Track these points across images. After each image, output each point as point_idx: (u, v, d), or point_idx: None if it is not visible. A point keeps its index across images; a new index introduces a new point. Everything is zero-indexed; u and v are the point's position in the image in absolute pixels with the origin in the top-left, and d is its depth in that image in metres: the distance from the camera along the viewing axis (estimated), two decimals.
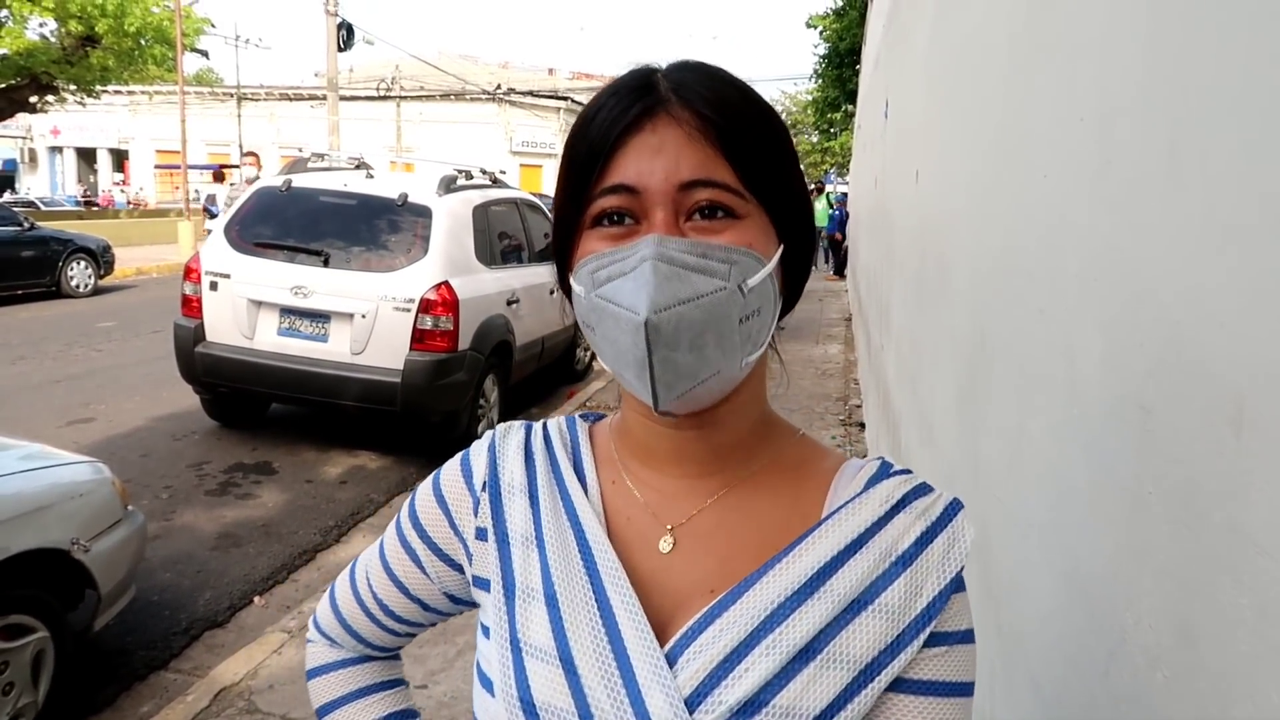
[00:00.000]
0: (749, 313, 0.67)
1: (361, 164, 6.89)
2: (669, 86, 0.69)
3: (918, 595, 0.68)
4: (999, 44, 1.67)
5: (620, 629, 0.70)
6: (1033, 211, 1.31)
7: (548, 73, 50.43)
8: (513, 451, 0.83)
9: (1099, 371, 0.97)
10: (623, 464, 0.80)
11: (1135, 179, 0.88)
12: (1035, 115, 1.35)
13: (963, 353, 1.96)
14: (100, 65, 19.87)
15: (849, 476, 0.75)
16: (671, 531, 0.75)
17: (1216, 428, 0.68)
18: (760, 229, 0.69)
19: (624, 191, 0.68)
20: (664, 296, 0.64)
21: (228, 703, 3.19)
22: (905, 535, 0.70)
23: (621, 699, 0.68)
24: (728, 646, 0.67)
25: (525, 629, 0.74)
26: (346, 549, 4.87)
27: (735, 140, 0.68)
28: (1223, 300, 0.68)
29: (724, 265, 0.66)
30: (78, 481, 3.21)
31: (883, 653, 0.67)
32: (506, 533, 0.79)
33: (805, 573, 0.69)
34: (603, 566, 0.73)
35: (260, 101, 40.65)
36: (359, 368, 5.75)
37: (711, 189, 0.67)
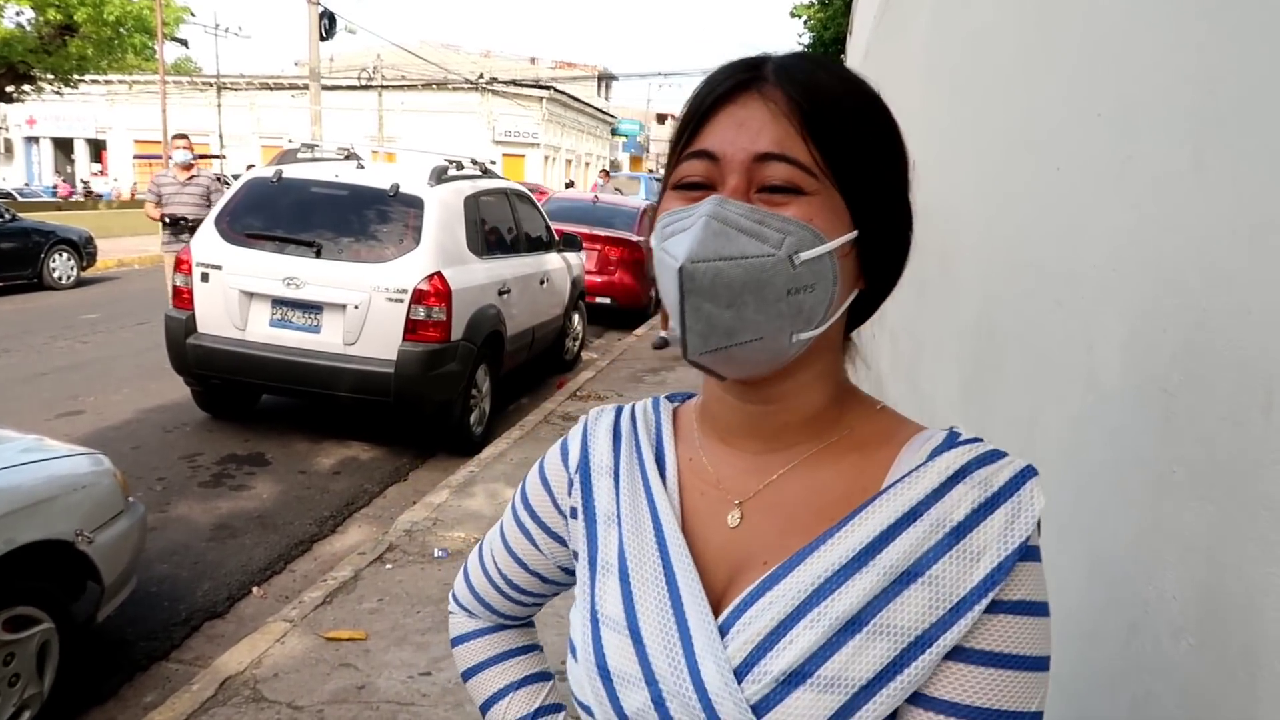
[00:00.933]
0: (799, 286, 0.68)
1: (352, 154, 6.88)
2: (772, 69, 0.72)
3: (974, 566, 0.67)
4: (1009, 36, 1.71)
5: (683, 602, 0.74)
6: (1046, 205, 1.35)
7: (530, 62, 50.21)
8: (603, 434, 0.88)
9: (1120, 359, 1.01)
10: (701, 441, 0.84)
11: (1160, 174, 0.92)
12: (1046, 110, 1.39)
13: (969, 345, 2.01)
14: (78, 54, 19.65)
15: (915, 447, 0.75)
16: (739, 506, 0.78)
17: (1246, 409, 0.72)
18: (829, 209, 0.70)
19: (705, 157, 0.72)
20: (704, 249, 0.66)
21: (233, 691, 3.21)
22: (960, 506, 0.69)
23: (680, 668, 0.72)
24: (775, 619, 0.70)
25: (602, 601, 0.80)
26: (342, 539, 4.89)
27: (819, 122, 0.70)
28: (1251, 289, 0.72)
29: (778, 234, 0.68)
30: (80, 473, 3.22)
31: (934, 625, 0.67)
32: (594, 511, 0.85)
33: (857, 545, 0.70)
34: (670, 543, 0.78)
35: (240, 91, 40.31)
36: (352, 358, 5.76)
37: (785, 164, 0.69)
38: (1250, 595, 0.72)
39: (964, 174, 2.19)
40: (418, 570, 4.27)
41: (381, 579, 4.17)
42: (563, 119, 44.13)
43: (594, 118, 50.03)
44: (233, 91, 40.17)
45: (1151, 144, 0.95)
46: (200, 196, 8.59)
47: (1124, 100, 1.04)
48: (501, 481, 5.53)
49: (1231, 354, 0.75)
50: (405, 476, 5.94)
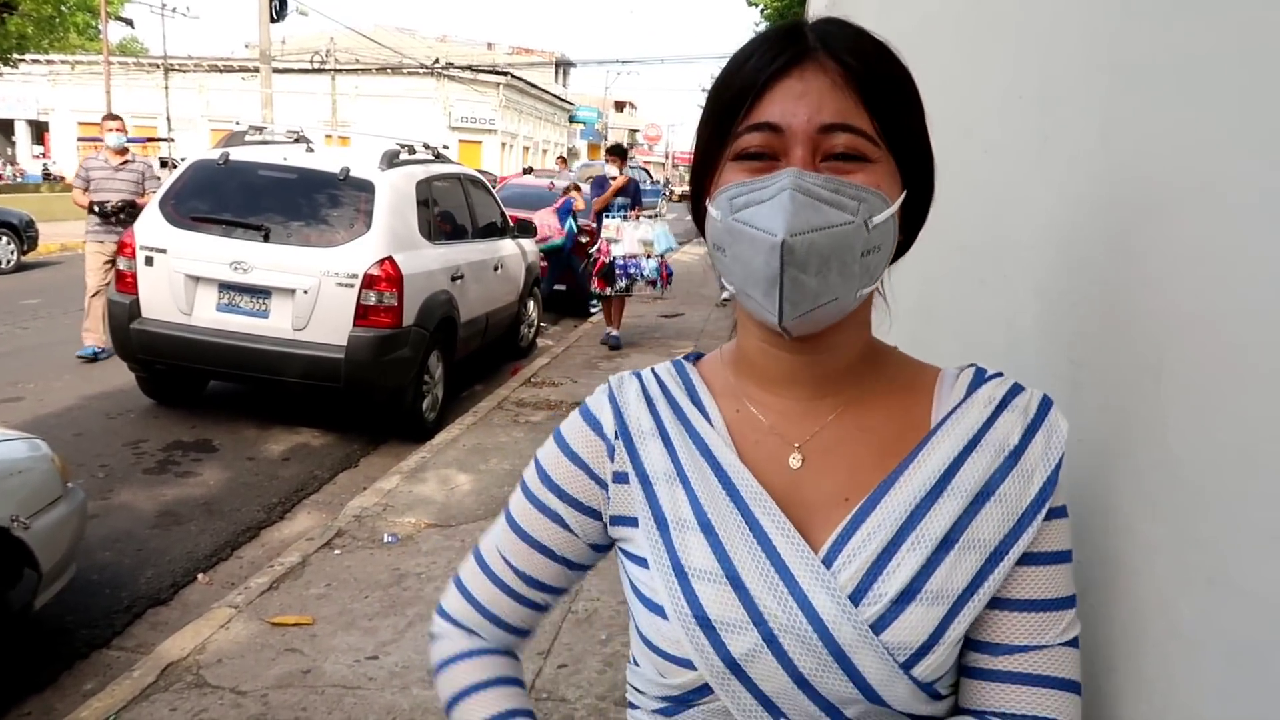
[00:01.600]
0: (871, 248, 0.74)
1: (301, 138, 6.78)
2: (816, 37, 0.76)
3: (1029, 483, 0.77)
4: (947, 22, 1.74)
5: (774, 544, 0.78)
6: (976, 187, 1.39)
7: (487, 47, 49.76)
8: (634, 399, 0.90)
9: (1034, 333, 1.04)
10: (744, 392, 0.87)
11: (1073, 154, 0.95)
12: (978, 93, 1.42)
13: (908, 326, 2.04)
14: (18, 33, 19.10)
15: (949, 385, 0.84)
16: (799, 449, 0.83)
17: (1140, 376, 0.76)
18: (889, 174, 0.76)
19: (768, 130, 0.75)
20: (799, 222, 0.71)
21: (175, 677, 3.17)
22: (1013, 432, 0.78)
23: (789, 604, 0.77)
24: (880, 545, 0.76)
25: (686, 556, 0.81)
26: (291, 525, 4.84)
27: (874, 91, 0.74)
28: (1149, 262, 0.76)
29: (854, 201, 0.73)
30: (15, 458, 3.15)
31: (1007, 535, 0.76)
32: (647, 473, 0.86)
33: (934, 474, 0.78)
34: (744, 491, 0.81)
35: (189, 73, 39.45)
36: (301, 344, 5.69)
37: (849, 134, 0.74)
38: (1140, 556, 0.75)
39: None
40: (366, 556, 4.25)
41: (330, 564, 4.14)
42: (520, 105, 43.85)
43: (552, 104, 49.79)
44: (181, 73, 39.28)
45: (1066, 124, 0.98)
46: (134, 183, 7.76)
47: (1044, 82, 1.07)
48: (454, 467, 5.51)
49: (1130, 324, 0.79)
50: (356, 463, 5.89)
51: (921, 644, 0.74)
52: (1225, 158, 0.65)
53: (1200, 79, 0.68)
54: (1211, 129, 0.67)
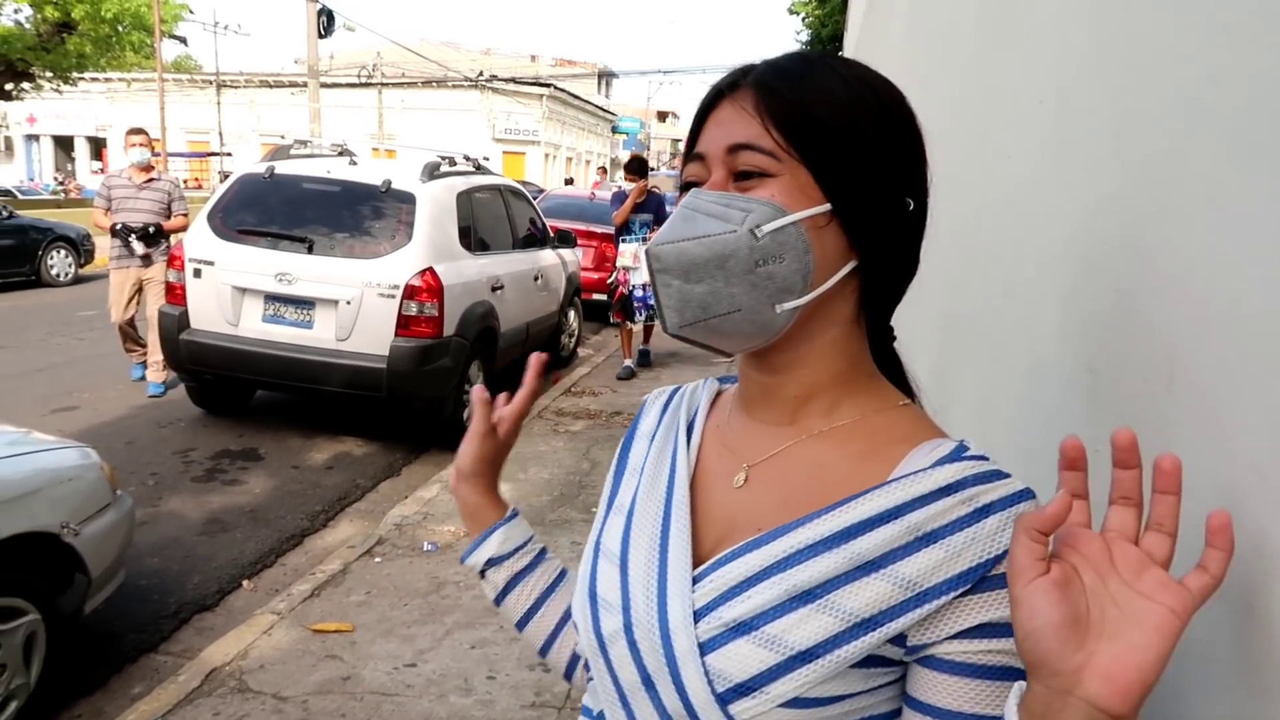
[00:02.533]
0: (767, 257, 0.74)
1: (345, 151, 6.89)
2: (756, 73, 0.79)
3: (938, 571, 0.69)
4: (967, 28, 1.73)
5: (669, 545, 0.82)
6: (998, 194, 1.37)
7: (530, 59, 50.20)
8: (656, 407, 0.98)
9: (1054, 341, 1.03)
10: (731, 411, 0.90)
11: (1089, 159, 0.93)
12: (1000, 99, 1.40)
13: (937, 337, 2.03)
14: (77, 52, 19.66)
15: (925, 451, 0.76)
16: (747, 469, 0.84)
17: (1152, 384, 0.74)
18: (793, 186, 0.76)
19: (698, 159, 0.81)
20: (670, 233, 0.75)
21: (219, 682, 3.23)
22: (940, 517, 0.70)
23: (651, 600, 0.80)
24: (743, 575, 0.76)
25: (607, 535, 0.89)
26: (333, 533, 4.91)
27: (780, 108, 0.76)
28: (1162, 267, 0.74)
29: (740, 213, 0.75)
30: (66, 466, 3.24)
31: (882, 613, 0.70)
32: (625, 466, 0.95)
33: (836, 528, 0.74)
34: (675, 493, 0.85)
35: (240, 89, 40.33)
36: (344, 354, 5.78)
37: (748, 151, 0.76)
38: None
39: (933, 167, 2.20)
40: (406, 564, 4.29)
41: (370, 572, 4.19)
42: (563, 116, 44.15)
43: (594, 115, 50.07)
44: (232, 89, 40.20)
45: (1081, 129, 0.96)
46: (159, 204, 7.04)
47: (1061, 85, 1.06)
48: None
49: (1144, 332, 0.77)
50: (398, 471, 5.96)
51: (741, 681, 0.72)
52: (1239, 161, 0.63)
53: (1213, 81, 0.67)
54: (1225, 132, 0.66)
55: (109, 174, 7.41)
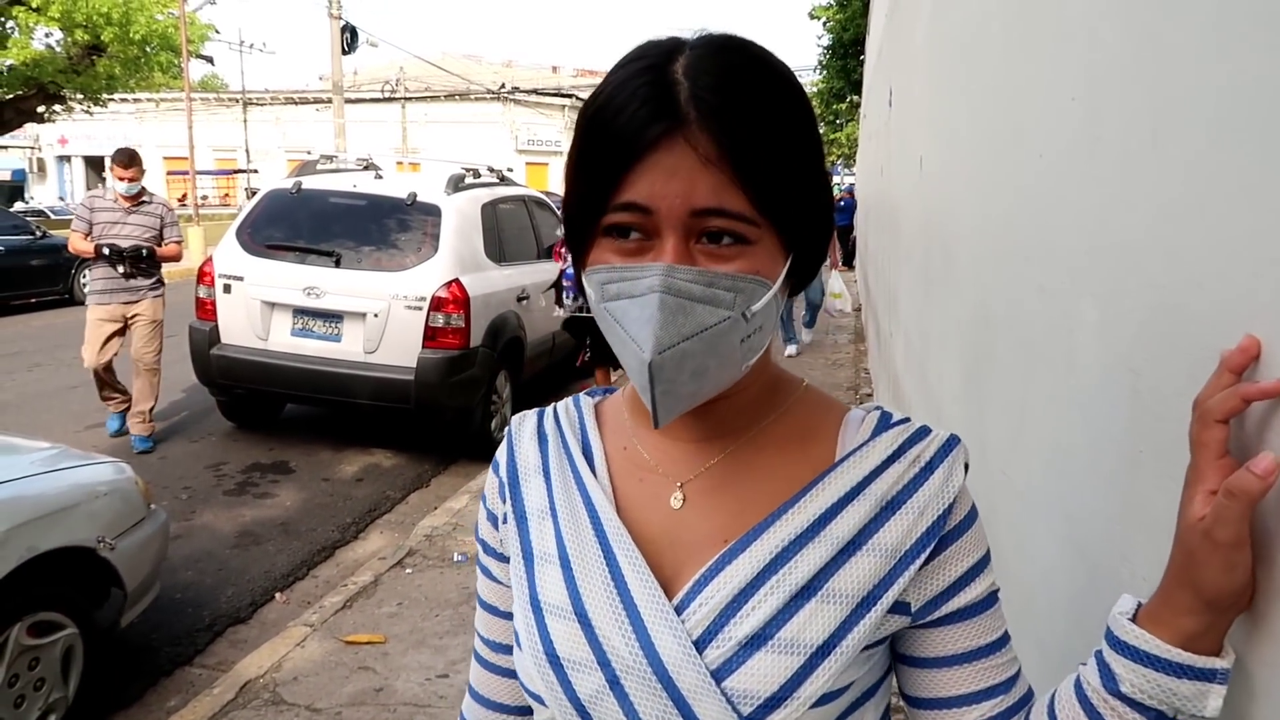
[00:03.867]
0: (750, 332, 0.71)
1: (370, 165, 6.95)
2: (688, 96, 0.67)
3: (911, 533, 0.74)
4: (995, 27, 1.71)
5: (628, 583, 0.76)
6: (1030, 192, 1.35)
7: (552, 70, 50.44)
8: (528, 437, 0.88)
9: (1093, 340, 1.01)
10: (633, 430, 0.85)
11: (1122, 154, 0.92)
12: (1031, 97, 1.39)
13: (968, 336, 2.00)
14: (106, 73, 19.96)
15: (854, 426, 0.80)
16: (681, 488, 0.80)
17: (1199, 384, 0.72)
18: (770, 252, 0.70)
19: (637, 210, 0.68)
20: (668, 334, 0.66)
21: (253, 695, 3.25)
22: (898, 483, 0.75)
23: (634, 645, 0.73)
24: (737, 587, 0.73)
25: (543, 590, 0.80)
26: (364, 545, 4.94)
27: (751, 164, 0.67)
28: (1202, 262, 0.72)
29: (729, 294, 0.68)
30: (102, 481, 3.27)
31: (876, 586, 0.73)
32: (524, 510, 0.85)
33: (810, 518, 0.74)
34: (609, 528, 0.79)
35: (266, 106, 40.82)
36: (372, 366, 5.81)
37: (723, 218, 0.67)
38: None
39: (961, 167, 2.18)
40: (437, 575, 4.30)
41: (401, 583, 4.21)
42: None
43: None
44: (258, 106, 40.69)
45: (1116, 125, 0.95)
46: (149, 229, 6.03)
47: (1093, 83, 1.04)
48: None
49: (1186, 329, 0.75)
50: (427, 483, 5.98)
51: (770, 695, 0.70)
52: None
53: (1255, 76, 0.66)
54: (1268, 126, 0.64)
55: (91, 193, 6.40)
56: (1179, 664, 0.63)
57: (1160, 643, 0.64)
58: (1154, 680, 0.64)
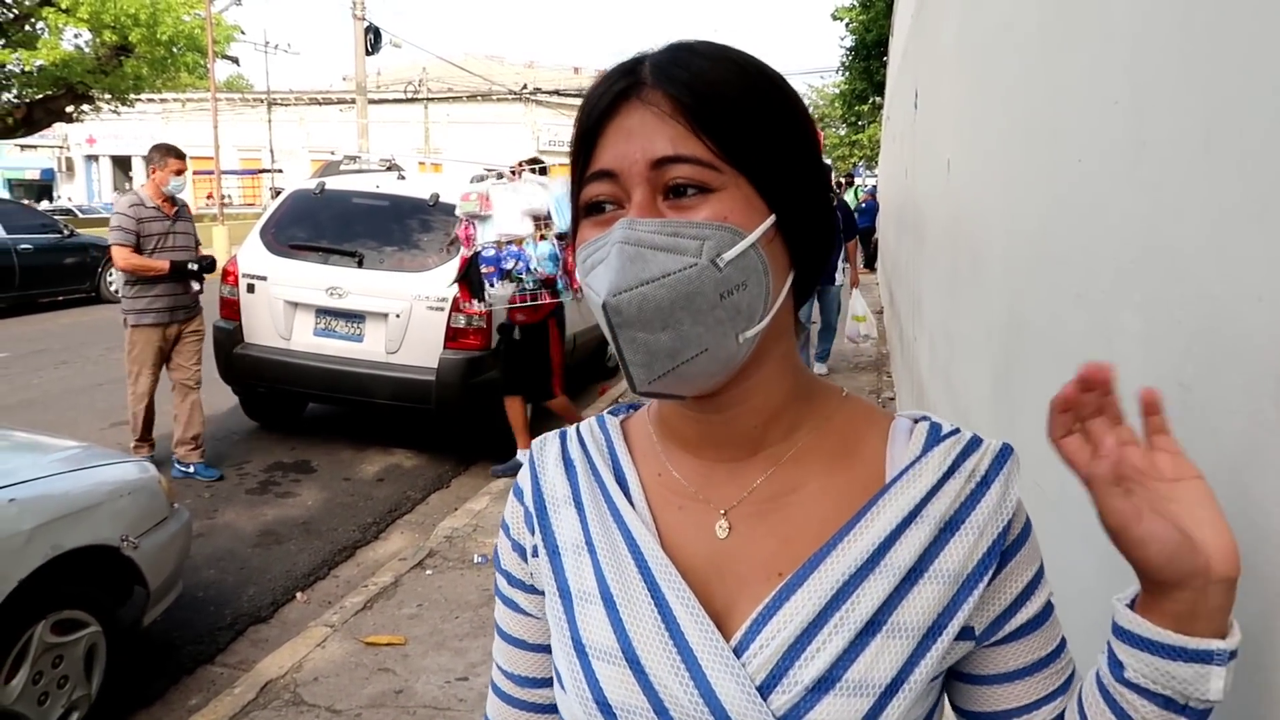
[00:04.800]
0: (730, 288, 0.66)
1: (393, 165, 6.97)
2: (650, 69, 0.69)
3: (973, 555, 0.70)
4: (1030, 29, 1.68)
5: (680, 624, 0.71)
6: (1067, 197, 1.32)
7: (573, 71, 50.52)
8: (552, 464, 0.83)
9: (1137, 352, 0.98)
10: (666, 454, 0.80)
11: (1171, 159, 0.89)
12: (1068, 100, 1.35)
13: (998, 342, 1.97)
14: (134, 74, 20.18)
15: (903, 440, 0.75)
16: (725, 515, 0.75)
17: (1256, 401, 0.69)
18: (740, 200, 0.67)
19: (605, 177, 0.69)
20: (624, 278, 0.64)
21: (274, 695, 3.25)
22: (955, 501, 0.71)
23: (693, 692, 0.69)
24: (799, 627, 0.69)
25: (586, 631, 0.75)
26: (385, 545, 4.94)
27: (709, 113, 0.67)
28: (1261, 274, 0.69)
29: (694, 242, 0.65)
30: (126, 480, 3.29)
31: (941, 614, 0.70)
32: (556, 544, 0.80)
33: (868, 548, 0.70)
34: (653, 564, 0.74)
35: (290, 106, 41.12)
36: (394, 366, 5.83)
37: (682, 164, 0.66)
38: (1263, 601, 0.69)
39: (992, 169, 2.14)
40: (457, 576, 4.30)
41: (421, 585, 4.21)
42: None
43: None
44: (283, 107, 40.99)
45: (1164, 129, 0.91)
46: (193, 235, 5.65)
47: (1138, 86, 1.01)
48: None
49: (1242, 343, 0.72)
50: (447, 483, 5.98)
51: None
52: None
53: None
54: None
55: (129, 200, 5.50)
56: (1171, 645, 0.63)
57: (1150, 625, 0.64)
58: (1153, 665, 0.64)
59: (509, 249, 5.22)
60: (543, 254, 5.25)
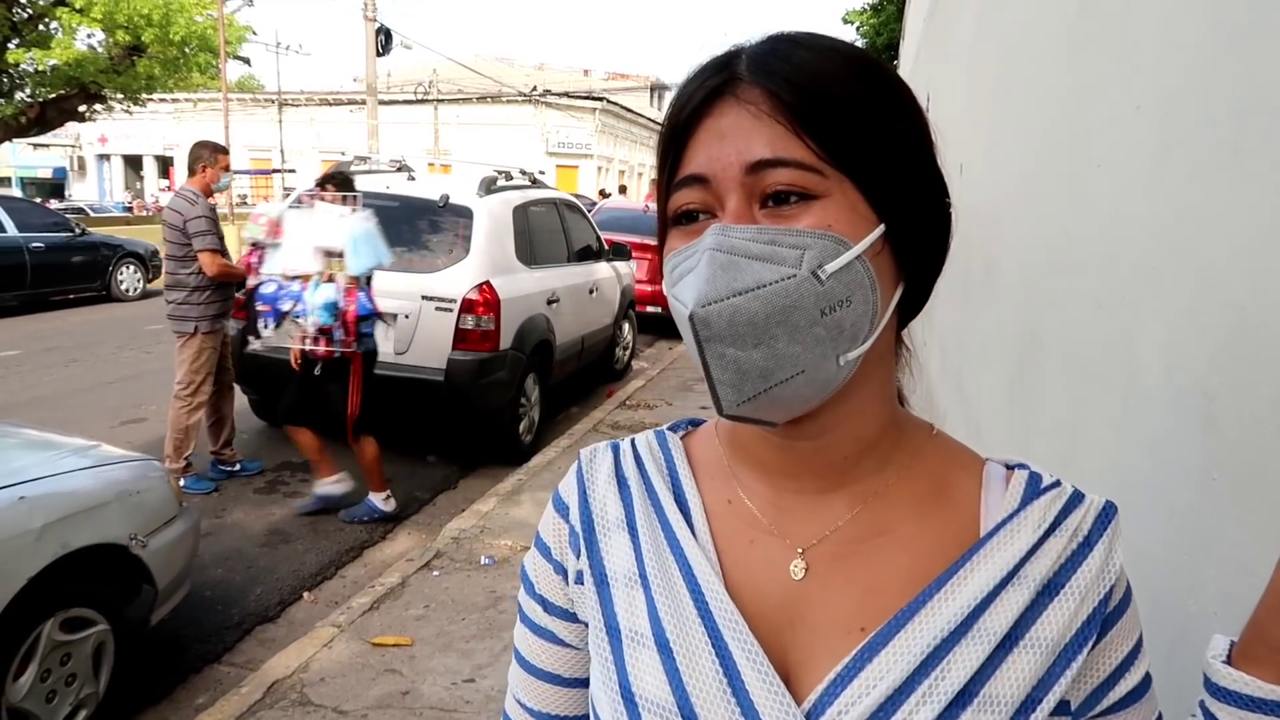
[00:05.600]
0: (833, 303, 0.60)
1: (403, 166, 6.98)
2: (747, 63, 0.63)
3: (1072, 623, 0.64)
4: (1049, 33, 1.66)
5: (745, 682, 0.64)
6: (1087, 204, 1.31)
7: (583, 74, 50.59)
8: (603, 480, 0.76)
9: (1160, 361, 0.96)
10: (739, 479, 0.72)
11: (1198, 165, 0.88)
12: (1087, 105, 1.34)
13: (1013, 350, 1.95)
14: (146, 74, 20.25)
15: (999, 487, 0.69)
16: (803, 555, 0.68)
17: None
18: (846, 208, 0.61)
19: (696, 183, 0.63)
20: (715, 288, 0.58)
21: (280, 695, 3.25)
22: (1056, 562, 0.64)
23: None
24: (884, 694, 0.62)
25: (637, 679, 0.68)
26: (392, 546, 4.94)
27: (813, 112, 0.60)
28: None
29: (794, 251, 0.59)
30: (135, 479, 3.29)
31: (1036, 687, 0.63)
32: (605, 573, 0.73)
33: (962, 609, 0.63)
34: (715, 607, 0.67)
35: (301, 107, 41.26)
36: (402, 367, 5.82)
37: (783, 168, 0.60)
38: None
39: (1006, 175, 2.13)
40: (464, 577, 4.29)
41: (428, 586, 4.20)
42: (615, 130, 44.37)
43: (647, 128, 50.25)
44: (294, 107, 41.11)
45: (1190, 135, 0.90)
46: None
47: (1163, 92, 1.00)
48: (549, 490, 5.52)
49: (1271, 353, 0.71)
50: (454, 484, 5.98)
51: None
52: None
53: None
54: None
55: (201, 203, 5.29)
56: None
57: (1260, 683, 0.59)
58: None
59: (289, 287, 4.66)
60: (318, 301, 4.61)
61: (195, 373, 5.35)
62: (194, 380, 5.36)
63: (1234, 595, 0.78)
